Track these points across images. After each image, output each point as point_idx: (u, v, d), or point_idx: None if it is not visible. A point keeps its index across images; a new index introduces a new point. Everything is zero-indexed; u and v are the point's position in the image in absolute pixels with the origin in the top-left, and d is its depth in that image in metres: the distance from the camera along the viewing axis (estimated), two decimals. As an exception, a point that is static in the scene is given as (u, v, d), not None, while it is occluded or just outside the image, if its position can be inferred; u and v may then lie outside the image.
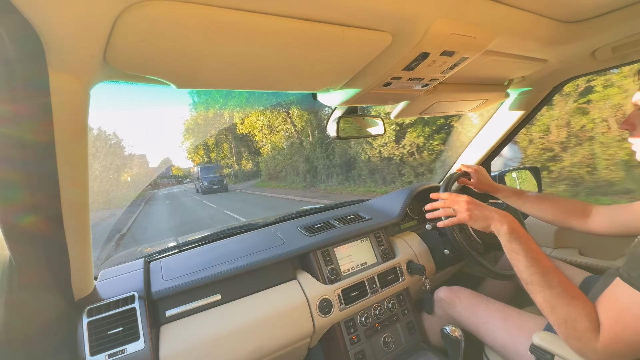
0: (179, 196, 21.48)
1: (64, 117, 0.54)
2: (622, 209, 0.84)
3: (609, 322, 0.54)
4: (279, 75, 0.72)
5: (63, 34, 0.44)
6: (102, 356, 0.72)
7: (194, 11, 0.45)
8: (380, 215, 1.33)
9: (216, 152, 33.09)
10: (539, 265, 0.66)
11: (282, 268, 1.04)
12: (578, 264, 1.13)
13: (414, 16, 0.57)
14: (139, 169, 49.20)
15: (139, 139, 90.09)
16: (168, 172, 60.91)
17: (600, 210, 0.89)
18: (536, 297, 0.65)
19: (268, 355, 0.90)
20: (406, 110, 1.13)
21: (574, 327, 0.58)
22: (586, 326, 0.57)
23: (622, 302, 0.53)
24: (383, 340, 1.07)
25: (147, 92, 73.98)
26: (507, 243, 0.73)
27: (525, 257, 0.68)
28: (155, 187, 43.79)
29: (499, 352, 0.88)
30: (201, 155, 37.98)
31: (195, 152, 37.79)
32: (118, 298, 0.81)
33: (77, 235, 0.69)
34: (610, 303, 0.55)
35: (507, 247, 0.73)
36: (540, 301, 0.64)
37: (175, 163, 65.00)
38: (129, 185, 31.48)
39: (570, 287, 0.63)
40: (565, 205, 0.95)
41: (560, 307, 0.61)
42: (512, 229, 0.74)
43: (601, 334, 0.55)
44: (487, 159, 1.57)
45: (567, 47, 0.86)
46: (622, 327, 0.52)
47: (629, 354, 0.53)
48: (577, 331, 0.58)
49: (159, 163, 68.13)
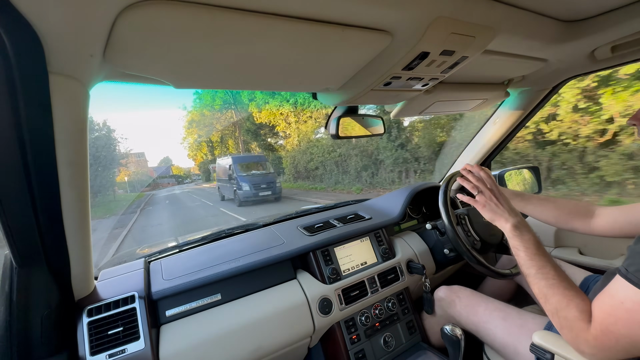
0: (192, 208, 12.45)
1: (64, 116, 0.54)
2: (626, 209, 0.83)
3: (601, 314, 0.55)
4: (278, 74, 0.72)
5: (62, 34, 0.44)
6: (102, 356, 0.72)
7: (193, 11, 0.45)
8: (380, 215, 1.33)
9: (221, 149, 29.18)
10: (537, 259, 0.70)
11: (282, 268, 1.04)
12: (578, 264, 1.13)
13: (414, 16, 0.57)
14: (135, 167, 46.37)
15: (135, 135, 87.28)
16: (168, 171, 59.67)
17: (604, 211, 0.88)
18: (534, 288, 0.69)
19: (268, 354, 0.90)
20: (406, 109, 1.13)
21: (565, 317, 0.60)
22: (575, 315, 0.59)
23: (616, 296, 0.54)
24: (383, 339, 1.07)
25: (143, 89, 72.49)
26: (509, 239, 0.78)
27: (525, 252, 0.72)
28: (155, 187, 41.77)
29: (499, 351, 0.88)
30: (204, 153, 34.61)
31: (199, 148, 34.04)
32: (118, 298, 0.81)
33: (77, 235, 0.69)
34: (606, 297, 0.56)
35: (510, 243, 0.77)
36: (537, 292, 0.68)
37: (175, 162, 63.33)
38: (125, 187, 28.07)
39: (564, 280, 0.65)
40: (567, 207, 0.94)
41: (552, 296, 0.64)
42: (514, 227, 0.77)
43: (592, 326, 0.56)
44: (487, 158, 1.57)
45: (567, 46, 0.86)
46: (613, 320, 0.53)
47: (620, 349, 0.54)
48: (567, 320, 0.60)
49: (159, 162, 66.18)
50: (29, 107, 0.49)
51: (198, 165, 41.87)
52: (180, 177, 56.21)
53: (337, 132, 1.09)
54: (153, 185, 42.72)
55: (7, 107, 0.47)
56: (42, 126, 0.52)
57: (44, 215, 0.60)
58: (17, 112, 0.48)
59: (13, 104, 0.48)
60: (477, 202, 0.88)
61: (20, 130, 0.50)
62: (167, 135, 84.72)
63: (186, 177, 56.01)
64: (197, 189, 26.09)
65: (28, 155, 0.53)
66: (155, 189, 37.80)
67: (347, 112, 1.09)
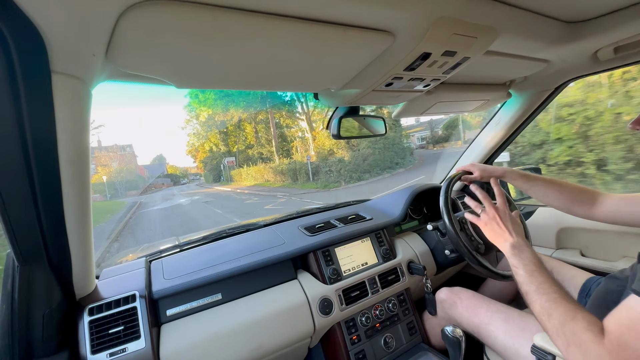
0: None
1: (66, 115, 0.54)
2: (630, 199, 0.83)
3: (619, 328, 0.51)
4: (280, 74, 0.72)
5: (65, 33, 0.44)
6: (103, 355, 0.72)
7: (195, 11, 0.45)
8: (381, 216, 1.33)
9: (237, 138, 20.70)
10: (537, 275, 0.70)
11: (282, 268, 1.04)
12: (580, 265, 1.13)
13: (416, 16, 0.57)
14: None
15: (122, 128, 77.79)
16: (162, 169, 51.38)
17: (607, 199, 0.88)
18: (534, 306, 0.67)
19: (268, 354, 0.90)
20: (408, 110, 1.13)
21: (572, 330, 0.56)
22: (584, 327, 0.55)
23: (635, 311, 0.50)
24: (384, 340, 1.07)
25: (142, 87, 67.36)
26: (509, 259, 0.79)
27: (525, 269, 0.72)
28: (146, 190, 32.77)
29: (500, 353, 0.88)
30: (215, 143, 25.15)
31: (206, 139, 25.05)
32: (119, 297, 0.81)
33: (79, 234, 0.69)
34: (623, 312, 0.53)
35: (510, 262, 0.78)
36: (538, 309, 0.65)
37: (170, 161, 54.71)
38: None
39: (567, 295, 0.63)
40: (571, 191, 0.93)
41: (555, 310, 0.61)
42: (513, 246, 0.79)
43: (607, 339, 0.52)
44: (489, 159, 1.57)
45: (569, 47, 0.86)
46: (634, 335, 0.49)
47: None
48: (575, 334, 0.55)
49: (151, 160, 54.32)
50: (32, 106, 0.49)
51: (201, 161, 32.07)
52: (177, 176, 51.36)
53: (338, 133, 1.09)
54: (145, 188, 34.43)
55: (9, 106, 0.48)
56: (44, 125, 0.52)
57: (45, 213, 0.61)
58: (20, 111, 0.49)
59: (16, 103, 0.48)
60: (480, 220, 0.89)
61: (22, 129, 0.50)
62: (161, 128, 76.97)
63: (183, 176, 51.08)
64: (209, 194, 17.75)
65: (30, 154, 0.53)
66: (145, 193, 28.13)
67: (348, 112, 1.09)
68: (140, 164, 50.53)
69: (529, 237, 1.13)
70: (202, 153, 29.71)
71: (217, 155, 26.98)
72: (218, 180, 28.26)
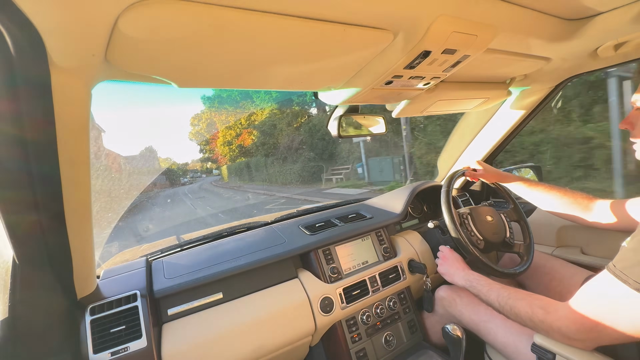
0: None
1: (66, 116, 0.54)
2: (621, 204, 0.86)
3: (585, 295, 0.62)
4: (279, 73, 0.72)
5: (64, 33, 0.44)
6: (104, 354, 0.72)
7: (195, 10, 0.45)
8: (381, 214, 1.33)
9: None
10: (491, 293, 0.83)
11: (283, 267, 1.04)
12: (580, 263, 1.13)
13: (416, 14, 0.57)
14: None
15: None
16: (152, 163, 43.86)
17: (600, 206, 0.91)
18: (503, 309, 0.77)
19: (270, 353, 0.90)
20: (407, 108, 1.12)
21: (539, 304, 0.69)
22: (547, 300, 0.69)
23: (601, 285, 0.59)
24: (384, 338, 1.07)
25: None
26: (467, 288, 0.94)
27: (481, 288, 0.87)
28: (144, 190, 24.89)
29: (500, 350, 0.88)
30: (252, 132, 16.16)
31: (233, 126, 16.40)
32: (120, 296, 0.82)
33: (80, 234, 0.69)
34: (590, 285, 0.62)
35: (470, 291, 0.93)
36: (507, 310, 0.76)
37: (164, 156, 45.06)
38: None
39: (519, 289, 0.79)
40: (570, 198, 0.97)
41: (518, 300, 0.73)
42: (465, 279, 0.94)
43: (573, 300, 0.62)
44: (489, 157, 1.56)
45: (570, 44, 0.86)
46: (593, 305, 0.59)
47: (595, 333, 0.58)
48: (542, 301, 0.69)
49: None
50: (31, 107, 0.49)
51: (223, 143, 21.50)
52: (176, 173, 43.62)
53: (339, 132, 1.09)
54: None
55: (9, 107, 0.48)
56: (44, 126, 0.52)
57: (46, 214, 0.61)
58: (20, 111, 0.49)
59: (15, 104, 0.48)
60: (437, 263, 1.10)
61: (22, 130, 0.50)
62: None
63: (182, 174, 44.60)
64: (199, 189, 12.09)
65: (30, 155, 0.53)
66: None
67: (348, 111, 1.09)
68: (123, 154, 36.22)
69: (531, 235, 1.13)
70: (223, 138, 18.93)
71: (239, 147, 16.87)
72: (241, 176, 17.52)
